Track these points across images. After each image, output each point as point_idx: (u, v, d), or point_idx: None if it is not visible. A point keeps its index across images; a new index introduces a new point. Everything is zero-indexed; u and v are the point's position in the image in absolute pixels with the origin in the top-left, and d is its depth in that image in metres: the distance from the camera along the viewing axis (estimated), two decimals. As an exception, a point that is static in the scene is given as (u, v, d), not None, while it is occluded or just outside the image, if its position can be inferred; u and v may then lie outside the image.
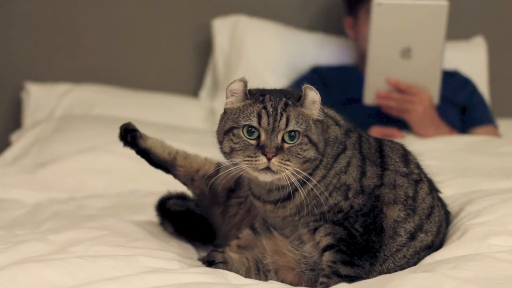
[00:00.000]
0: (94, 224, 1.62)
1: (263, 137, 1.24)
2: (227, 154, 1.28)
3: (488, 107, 2.90)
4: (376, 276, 1.32)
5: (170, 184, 2.17)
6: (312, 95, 1.27)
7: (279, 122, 1.24)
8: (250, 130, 1.25)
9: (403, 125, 2.62)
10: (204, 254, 1.50)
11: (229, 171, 1.29)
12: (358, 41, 2.86)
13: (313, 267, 1.35)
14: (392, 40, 2.54)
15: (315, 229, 1.32)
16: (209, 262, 1.40)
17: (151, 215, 1.68)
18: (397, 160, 1.37)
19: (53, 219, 1.78)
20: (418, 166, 1.40)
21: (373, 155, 1.35)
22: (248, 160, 1.24)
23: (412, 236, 1.34)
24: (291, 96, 1.28)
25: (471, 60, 3.12)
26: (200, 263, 1.45)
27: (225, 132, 1.27)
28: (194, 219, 1.61)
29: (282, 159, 1.23)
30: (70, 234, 1.52)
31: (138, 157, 2.45)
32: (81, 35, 3.19)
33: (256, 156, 1.23)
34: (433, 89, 2.59)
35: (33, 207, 2.03)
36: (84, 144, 2.43)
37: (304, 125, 1.25)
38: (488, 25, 3.25)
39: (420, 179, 1.38)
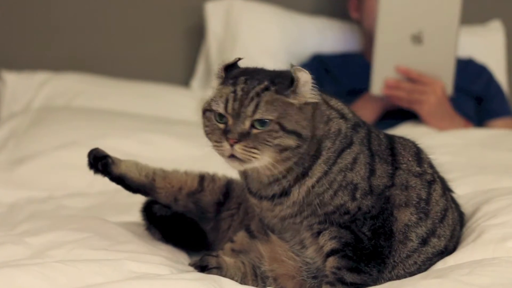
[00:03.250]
0: (76, 226, 1.62)
1: (229, 122, 1.26)
2: (206, 136, 1.31)
3: (506, 97, 2.90)
4: (384, 282, 1.32)
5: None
6: (304, 77, 1.26)
7: (246, 108, 1.25)
8: (220, 114, 1.27)
9: (414, 117, 2.62)
10: (196, 258, 1.49)
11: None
12: (364, 21, 2.86)
13: (315, 274, 1.35)
14: (402, 25, 2.53)
15: (318, 232, 1.32)
16: (202, 267, 1.40)
17: (138, 216, 1.67)
18: (410, 159, 1.36)
19: (31, 220, 1.77)
20: (431, 165, 1.40)
21: (384, 153, 1.34)
22: (215, 146, 1.27)
23: (424, 241, 1.34)
24: (280, 80, 1.27)
25: (487, 46, 3.12)
26: (191, 268, 1.44)
27: (202, 114, 1.31)
28: (183, 224, 1.60)
29: (246, 146, 1.24)
30: (49, 237, 1.51)
31: (123, 153, 2.44)
32: (62, 19, 3.18)
33: (221, 142, 1.26)
34: (447, 78, 2.59)
35: (9, 207, 2.03)
36: (65, 139, 2.42)
37: (277, 112, 1.24)
38: (505, 8, 3.25)
39: (434, 180, 1.38)
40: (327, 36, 3.08)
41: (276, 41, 3.06)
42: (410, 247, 1.33)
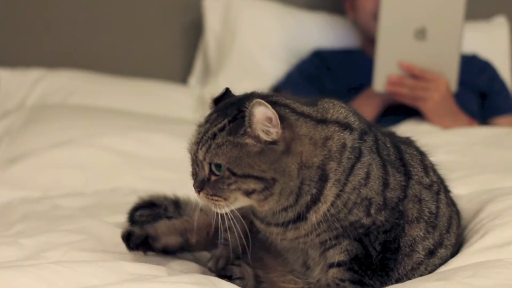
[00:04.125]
0: (71, 226, 1.62)
1: (196, 168, 1.25)
2: None
3: (511, 94, 2.90)
4: (385, 289, 1.32)
5: (155, 181, 2.18)
6: (261, 113, 1.18)
7: (199, 152, 1.23)
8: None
9: (417, 114, 2.62)
10: (211, 261, 1.48)
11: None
12: (359, 19, 2.86)
13: None
14: (405, 20, 2.53)
15: (329, 247, 1.29)
16: (226, 277, 1.39)
17: (135, 216, 1.68)
18: (419, 170, 1.33)
19: (25, 220, 1.77)
20: (434, 170, 1.38)
21: (394, 163, 1.30)
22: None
23: (431, 253, 1.32)
24: (243, 115, 1.21)
25: (492, 42, 3.12)
26: (189, 269, 1.45)
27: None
28: None
29: (207, 194, 1.23)
30: (44, 238, 1.51)
31: (120, 152, 2.44)
32: (56, 14, 3.18)
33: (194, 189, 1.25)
34: (451, 75, 2.59)
35: (2, 207, 2.02)
36: (60, 137, 2.42)
37: (225, 156, 1.19)
38: (510, 4, 3.25)
39: (439, 189, 1.36)
40: (327, 32, 3.08)
41: (275, 37, 3.06)
42: (416, 259, 1.31)
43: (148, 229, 1.44)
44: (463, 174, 1.93)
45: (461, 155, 2.14)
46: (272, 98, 1.26)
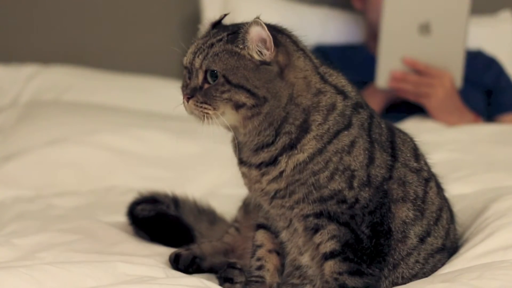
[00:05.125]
0: (65, 226, 1.62)
1: (189, 76, 1.29)
2: None
3: (517, 91, 2.90)
4: (388, 284, 1.32)
5: (152, 179, 2.18)
6: (257, 32, 1.26)
7: (196, 59, 1.28)
8: (186, 67, 1.31)
9: (421, 111, 2.61)
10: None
11: None
12: (369, 12, 2.85)
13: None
14: (408, 14, 2.53)
15: (315, 230, 1.31)
16: (226, 279, 1.41)
17: (129, 217, 1.68)
18: (408, 154, 1.37)
19: (18, 220, 1.78)
20: (426, 162, 1.41)
21: (384, 143, 1.34)
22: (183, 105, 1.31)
23: (422, 240, 1.34)
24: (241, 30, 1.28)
25: (497, 37, 3.11)
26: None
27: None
28: (168, 223, 1.63)
29: (197, 101, 1.27)
30: (37, 238, 1.51)
31: (115, 150, 2.44)
32: (50, 8, 3.17)
33: (182, 99, 1.30)
34: (456, 70, 2.59)
35: (-5, 207, 2.03)
36: (54, 135, 2.42)
37: (222, 63, 1.25)
38: (517, -2, 3.25)
39: (430, 178, 1.38)
40: (329, 27, 3.08)
41: (275, 32, 3.05)
42: (410, 245, 1.33)
43: (195, 249, 1.50)
44: (468, 172, 1.93)
45: (466, 153, 2.14)
46: (279, 27, 1.34)
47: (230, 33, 1.28)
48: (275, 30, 1.31)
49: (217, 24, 1.35)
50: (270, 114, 1.27)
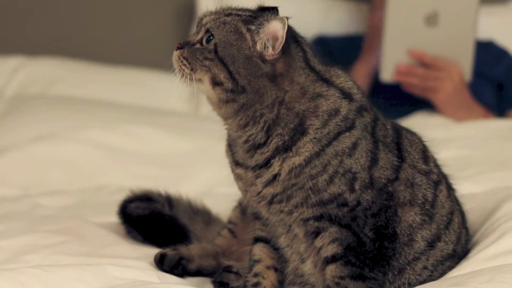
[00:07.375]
0: (53, 227, 1.62)
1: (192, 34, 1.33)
2: None
3: (530, 85, 2.90)
4: (393, 288, 1.32)
5: (144, 178, 2.18)
6: (275, 28, 1.29)
7: (206, 17, 1.32)
8: None
9: (428, 105, 2.61)
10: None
11: None
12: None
13: None
14: (415, 4, 2.53)
15: (316, 234, 1.31)
16: (221, 283, 1.41)
17: (121, 217, 1.68)
18: (416, 156, 1.37)
19: (3, 220, 1.77)
20: (436, 164, 1.41)
21: (389, 144, 1.34)
22: None
23: (431, 245, 1.34)
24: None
25: (509, 27, 3.11)
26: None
27: None
28: (162, 222, 1.63)
29: (181, 55, 1.33)
30: (23, 239, 1.51)
31: (106, 146, 2.44)
32: (37, -2, 3.17)
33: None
34: (465, 63, 2.58)
35: (-21, 207, 2.03)
36: (41, 131, 2.42)
37: (222, 33, 1.29)
38: (530, -14, 3.24)
39: (439, 180, 1.38)
40: (331, 17, 3.08)
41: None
42: (417, 249, 1.33)
43: (182, 250, 1.50)
44: (478, 170, 1.93)
45: (476, 149, 2.14)
46: (298, 37, 1.36)
47: (252, 15, 1.31)
48: (294, 39, 1.34)
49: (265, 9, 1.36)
50: (248, 107, 1.29)
